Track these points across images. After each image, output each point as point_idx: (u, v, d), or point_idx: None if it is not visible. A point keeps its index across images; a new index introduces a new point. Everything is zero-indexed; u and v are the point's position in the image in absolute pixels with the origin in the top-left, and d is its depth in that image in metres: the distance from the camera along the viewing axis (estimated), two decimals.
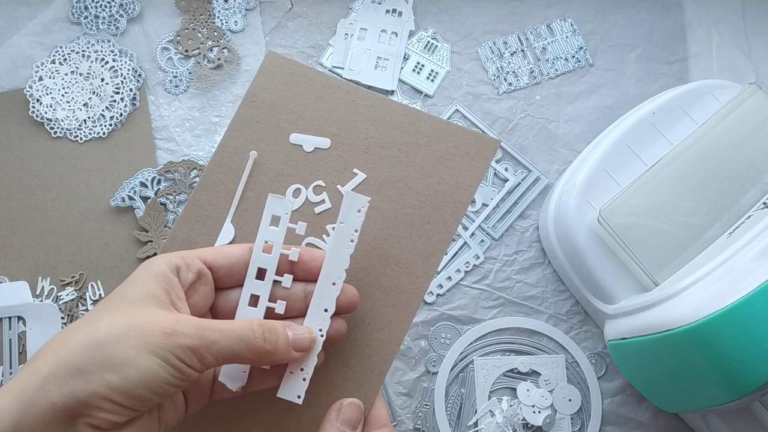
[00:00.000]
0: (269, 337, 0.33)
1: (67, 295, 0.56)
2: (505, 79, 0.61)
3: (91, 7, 0.60)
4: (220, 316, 0.36)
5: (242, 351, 0.32)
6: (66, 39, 0.60)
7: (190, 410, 0.35)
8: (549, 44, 0.62)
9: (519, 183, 0.59)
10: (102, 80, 0.59)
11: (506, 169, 0.59)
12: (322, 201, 0.41)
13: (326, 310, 0.35)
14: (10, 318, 0.54)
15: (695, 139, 0.51)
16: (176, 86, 0.60)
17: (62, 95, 0.59)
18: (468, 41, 0.62)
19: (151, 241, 0.56)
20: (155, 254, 0.56)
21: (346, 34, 0.62)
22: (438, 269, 0.51)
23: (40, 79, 0.59)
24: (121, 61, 0.60)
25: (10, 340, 0.54)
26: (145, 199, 0.57)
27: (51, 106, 0.59)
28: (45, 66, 0.59)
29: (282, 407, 0.36)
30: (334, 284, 0.36)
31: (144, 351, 0.29)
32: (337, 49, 0.61)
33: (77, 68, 0.60)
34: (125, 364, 0.29)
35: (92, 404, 0.28)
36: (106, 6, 0.61)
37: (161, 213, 0.57)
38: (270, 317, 0.36)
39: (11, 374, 0.54)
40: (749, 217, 0.48)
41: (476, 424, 0.55)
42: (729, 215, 0.49)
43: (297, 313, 0.36)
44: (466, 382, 0.55)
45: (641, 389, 0.51)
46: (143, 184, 0.58)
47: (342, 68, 0.61)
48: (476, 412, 0.55)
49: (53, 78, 0.59)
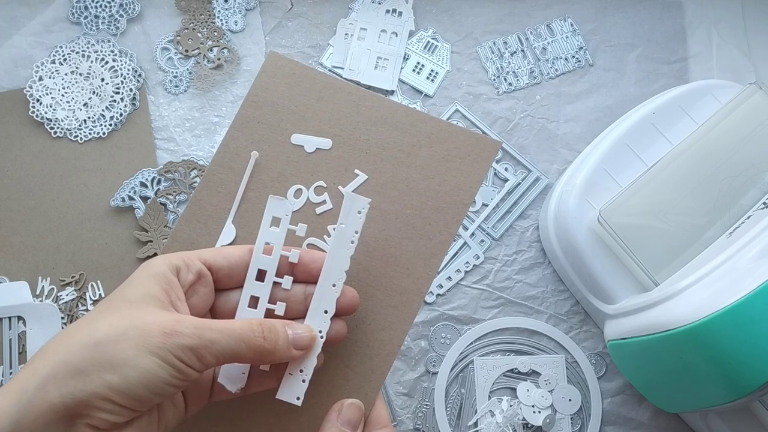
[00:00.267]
0: (269, 336, 0.33)
1: (67, 295, 0.56)
2: (505, 79, 0.61)
3: (91, 7, 0.60)
4: (220, 317, 0.36)
5: (242, 350, 0.32)
6: (66, 39, 0.60)
7: (190, 411, 0.35)
8: (549, 44, 0.62)
9: (519, 183, 0.59)
10: (102, 80, 0.59)
11: (506, 169, 0.59)
12: (324, 202, 0.41)
13: (326, 312, 0.35)
14: (10, 318, 0.54)
15: (695, 139, 0.51)
16: (176, 86, 0.60)
17: (62, 95, 0.59)
18: (468, 41, 0.62)
19: (151, 241, 0.56)
20: (155, 254, 0.56)
21: (346, 34, 0.62)
22: (438, 270, 0.51)
23: (40, 79, 0.59)
24: (121, 61, 0.60)
25: (10, 340, 0.54)
26: (145, 199, 0.57)
27: (51, 106, 0.59)
28: (45, 66, 0.59)
29: (282, 408, 0.36)
30: (335, 286, 0.36)
31: (143, 351, 0.29)
32: (337, 49, 0.61)
33: (77, 68, 0.60)
34: (124, 365, 0.29)
35: (91, 404, 0.28)
36: (106, 6, 0.61)
37: (161, 213, 0.57)
38: (269, 317, 0.36)
39: (11, 374, 0.54)
40: (749, 217, 0.48)
41: (476, 424, 0.55)
42: (729, 215, 0.49)
43: (297, 315, 0.36)
44: (466, 382, 0.55)
45: (641, 389, 0.51)
46: (143, 184, 0.58)
47: (342, 68, 0.61)
48: (476, 412, 0.55)
49: (53, 78, 0.59)
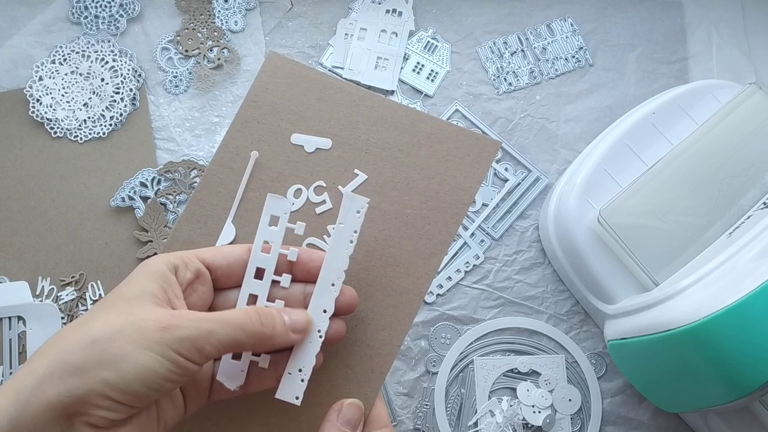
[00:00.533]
0: (266, 321, 0.33)
1: (67, 295, 0.56)
2: (505, 79, 0.61)
3: (91, 7, 0.60)
4: None
5: (241, 338, 0.32)
6: (66, 39, 0.60)
7: (189, 410, 0.35)
8: (549, 44, 0.62)
9: (519, 183, 0.59)
10: (102, 80, 0.59)
11: (506, 169, 0.59)
12: (323, 201, 0.41)
13: (325, 311, 0.35)
14: (10, 318, 0.54)
15: (695, 139, 0.51)
16: (176, 86, 0.60)
17: (62, 95, 0.59)
18: (468, 41, 0.62)
19: (151, 241, 0.56)
20: (155, 254, 0.56)
21: (346, 34, 0.62)
22: (438, 270, 0.51)
23: (40, 79, 0.59)
24: (121, 61, 0.60)
25: (10, 340, 0.54)
26: (145, 199, 0.57)
27: (51, 106, 0.59)
28: (45, 66, 0.59)
29: (282, 407, 0.36)
30: (333, 285, 0.36)
31: (140, 347, 0.29)
32: (337, 49, 0.61)
33: (77, 68, 0.60)
34: (122, 361, 0.29)
35: (89, 402, 0.28)
36: (106, 6, 0.61)
37: (161, 213, 0.57)
38: None
39: (11, 374, 0.54)
40: (749, 217, 0.48)
41: (476, 424, 0.55)
42: (729, 215, 0.49)
43: None
44: (466, 382, 0.55)
45: (641, 389, 0.51)
46: (143, 184, 0.58)
47: (342, 68, 0.61)
48: (476, 412, 0.55)
49: (53, 78, 0.59)
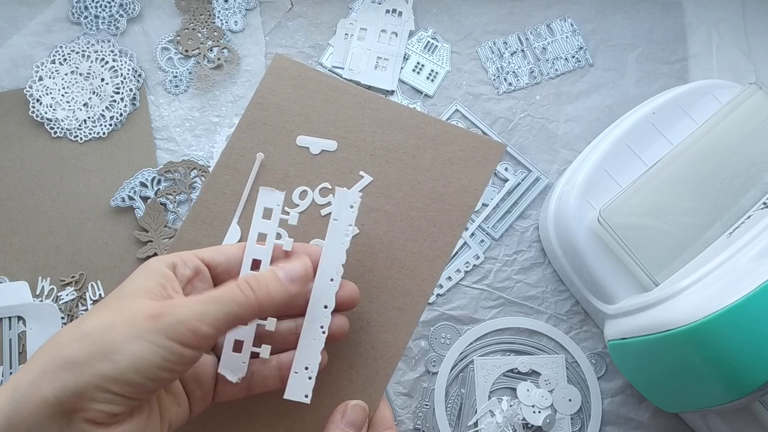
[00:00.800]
0: (257, 286, 0.32)
1: (67, 295, 0.56)
2: (505, 79, 0.61)
3: (91, 7, 0.60)
4: None
5: (236, 311, 0.31)
6: (66, 39, 0.60)
7: (194, 411, 0.35)
8: (549, 44, 0.62)
9: (519, 183, 0.59)
10: (102, 80, 0.59)
11: (506, 169, 0.59)
12: (329, 203, 0.41)
13: (326, 307, 0.36)
14: (10, 318, 0.54)
15: (695, 139, 0.51)
16: (176, 86, 0.60)
17: (62, 95, 0.59)
18: (468, 41, 0.62)
19: (151, 241, 0.56)
20: (155, 254, 0.56)
21: (346, 34, 0.62)
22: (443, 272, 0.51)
23: (40, 79, 0.59)
24: (121, 61, 0.60)
25: (10, 340, 0.54)
26: (145, 199, 0.57)
27: (51, 106, 0.59)
28: (45, 66, 0.59)
29: (286, 408, 0.36)
30: (332, 280, 0.36)
31: (131, 336, 0.29)
32: (337, 49, 0.61)
33: (77, 68, 0.60)
34: (115, 352, 0.29)
35: (86, 396, 0.28)
36: (106, 6, 0.61)
37: (161, 213, 0.57)
38: None
39: (11, 374, 0.54)
40: (749, 217, 0.48)
41: (476, 424, 0.55)
42: (729, 215, 0.49)
43: (297, 311, 0.37)
44: (466, 382, 0.55)
45: (641, 389, 0.51)
46: (143, 184, 0.58)
47: (342, 68, 0.61)
48: (476, 412, 0.55)
49: (53, 78, 0.59)
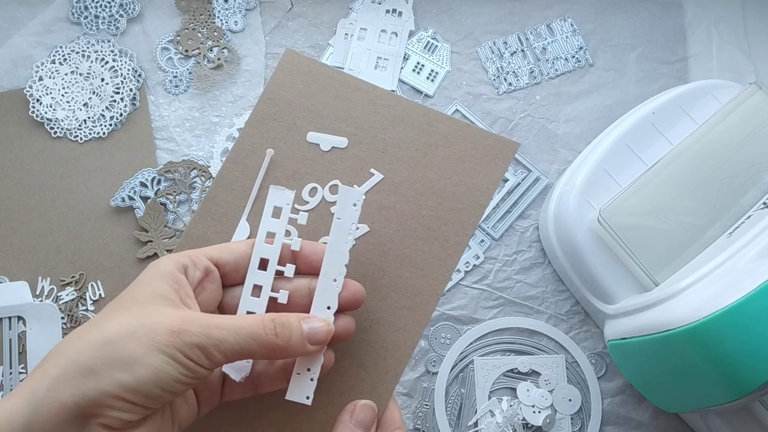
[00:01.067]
0: (281, 332, 0.32)
1: (67, 295, 0.56)
2: (505, 79, 0.61)
3: (91, 7, 0.60)
4: (227, 314, 0.36)
5: (252, 348, 0.31)
6: (66, 39, 0.60)
7: (202, 410, 0.35)
8: (549, 44, 0.62)
9: (519, 183, 0.59)
10: (102, 80, 0.59)
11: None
12: None
13: (329, 308, 0.35)
14: (10, 318, 0.54)
15: (695, 139, 0.51)
16: (176, 86, 0.60)
17: (62, 95, 0.59)
18: (468, 41, 0.62)
19: (151, 241, 0.56)
20: (155, 254, 0.56)
21: (346, 34, 0.62)
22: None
23: (40, 79, 0.59)
24: (121, 61, 0.60)
25: (10, 340, 0.54)
26: (145, 199, 0.57)
27: (51, 106, 0.59)
28: (45, 66, 0.59)
29: (295, 408, 0.36)
30: (335, 280, 0.35)
31: (152, 349, 0.29)
32: (337, 49, 0.61)
33: (77, 68, 0.60)
34: (135, 363, 0.29)
35: (103, 403, 0.28)
36: (106, 6, 0.61)
37: (161, 213, 0.57)
38: (273, 307, 0.36)
39: (11, 374, 0.54)
40: (749, 217, 0.48)
41: (476, 424, 0.55)
42: (729, 215, 0.49)
43: (301, 309, 0.36)
44: (466, 382, 0.55)
45: (641, 389, 0.51)
46: (143, 184, 0.58)
47: (342, 68, 0.61)
48: (476, 412, 0.55)
49: (53, 78, 0.59)
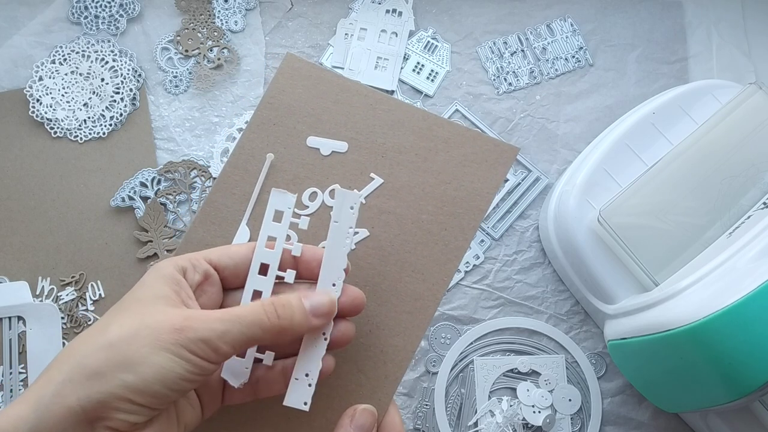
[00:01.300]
0: (283, 313, 0.32)
1: (67, 295, 0.56)
2: (505, 79, 0.61)
3: (91, 7, 0.60)
4: None
5: (257, 334, 0.31)
6: (66, 39, 0.60)
7: (205, 413, 0.35)
8: (549, 44, 0.62)
9: (519, 183, 0.59)
10: (102, 80, 0.59)
11: None
12: None
13: None
14: (10, 318, 0.54)
15: (695, 139, 0.51)
16: (176, 86, 0.60)
17: (62, 95, 0.59)
18: (468, 41, 0.62)
19: (151, 241, 0.56)
20: (155, 254, 0.56)
21: (346, 34, 0.62)
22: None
23: (40, 79, 0.59)
24: (121, 61, 0.60)
25: (10, 340, 0.54)
26: (145, 199, 0.57)
27: (51, 106, 0.59)
28: (45, 66, 0.59)
29: (294, 412, 0.36)
30: (334, 285, 0.35)
31: (156, 348, 0.29)
32: (337, 49, 0.61)
33: (77, 68, 0.60)
34: (139, 363, 0.29)
35: (110, 405, 0.28)
36: (106, 6, 0.61)
37: (161, 213, 0.57)
38: None
39: (11, 374, 0.54)
40: (749, 217, 0.48)
41: (476, 424, 0.55)
42: (729, 215, 0.49)
43: None
44: (466, 382, 0.55)
45: (641, 389, 0.51)
46: (143, 184, 0.58)
47: (342, 68, 0.61)
48: (476, 412, 0.55)
49: (53, 78, 0.59)
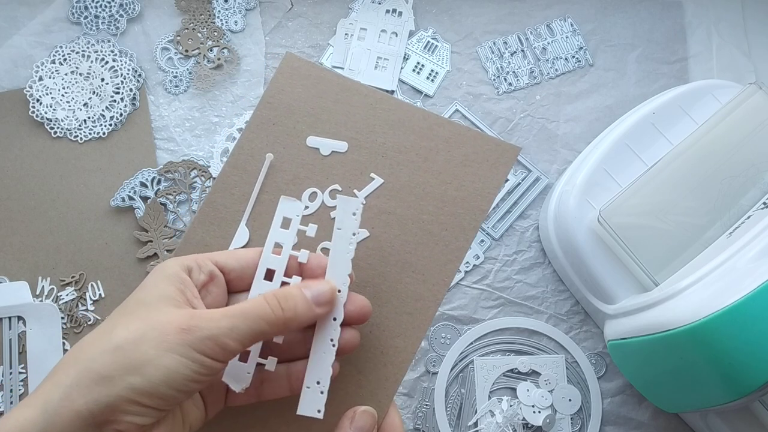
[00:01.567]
0: (287, 305, 0.32)
1: (67, 295, 0.56)
2: (505, 79, 0.61)
3: (91, 7, 0.60)
4: None
5: (263, 328, 0.32)
6: (66, 39, 0.60)
7: (209, 414, 0.35)
8: (549, 44, 0.62)
9: (519, 183, 0.59)
10: (102, 80, 0.59)
11: None
12: None
13: (335, 319, 0.35)
14: (10, 318, 0.54)
15: (695, 139, 0.51)
16: (176, 86, 0.60)
17: (62, 95, 0.59)
18: (468, 41, 0.62)
19: (151, 241, 0.56)
20: (155, 254, 0.56)
21: (346, 34, 0.62)
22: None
23: (40, 79, 0.59)
24: (121, 61, 0.60)
25: (10, 340, 0.54)
26: (145, 199, 0.57)
27: (51, 106, 0.59)
28: (45, 66, 0.59)
29: (294, 416, 0.36)
30: (340, 291, 0.35)
31: (163, 350, 0.29)
32: (337, 49, 0.61)
33: (77, 68, 0.60)
34: (147, 365, 0.29)
35: (118, 408, 0.28)
36: (106, 6, 0.61)
37: (161, 213, 0.57)
38: None
39: (11, 374, 0.54)
40: (749, 217, 0.48)
41: (476, 424, 0.55)
42: (729, 215, 0.49)
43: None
44: (466, 382, 0.55)
45: (641, 389, 0.51)
46: (143, 184, 0.58)
47: (342, 68, 0.61)
48: (476, 412, 0.55)
49: (53, 78, 0.59)
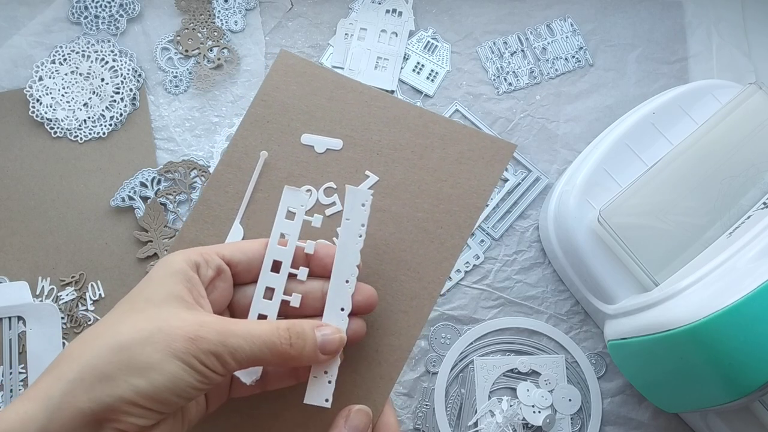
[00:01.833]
0: (296, 342, 0.32)
1: (67, 295, 0.56)
2: (505, 79, 0.61)
3: (91, 7, 0.60)
4: (238, 313, 0.36)
5: (266, 356, 0.31)
6: (66, 39, 0.60)
7: (211, 408, 0.35)
8: (549, 44, 0.62)
9: (519, 183, 0.59)
10: (102, 80, 0.59)
11: (506, 169, 0.59)
12: (333, 203, 0.40)
13: (342, 309, 0.35)
14: (10, 318, 0.54)
15: (695, 139, 0.51)
16: (176, 86, 0.60)
17: (62, 95, 0.59)
18: (468, 41, 0.62)
19: (151, 241, 0.56)
20: (155, 254, 0.56)
21: (346, 34, 0.62)
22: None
23: (40, 79, 0.59)
24: (121, 61, 0.60)
25: (10, 340, 0.54)
26: (145, 199, 0.57)
27: (51, 106, 0.59)
28: (45, 66, 0.59)
29: (289, 414, 0.35)
30: (347, 282, 0.35)
31: (169, 356, 0.29)
32: (337, 49, 0.61)
33: (77, 68, 0.60)
34: (151, 369, 0.29)
35: (119, 409, 0.28)
36: (106, 6, 0.61)
37: (161, 213, 0.57)
38: (285, 310, 0.36)
39: (11, 374, 0.54)
40: (749, 217, 0.48)
41: (476, 424, 0.55)
42: (729, 215, 0.49)
43: (314, 312, 0.36)
44: (466, 382, 0.55)
45: (641, 389, 0.51)
46: (143, 184, 0.58)
47: (342, 68, 0.61)
48: (476, 412, 0.55)
49: (53, 78, 0.59)
